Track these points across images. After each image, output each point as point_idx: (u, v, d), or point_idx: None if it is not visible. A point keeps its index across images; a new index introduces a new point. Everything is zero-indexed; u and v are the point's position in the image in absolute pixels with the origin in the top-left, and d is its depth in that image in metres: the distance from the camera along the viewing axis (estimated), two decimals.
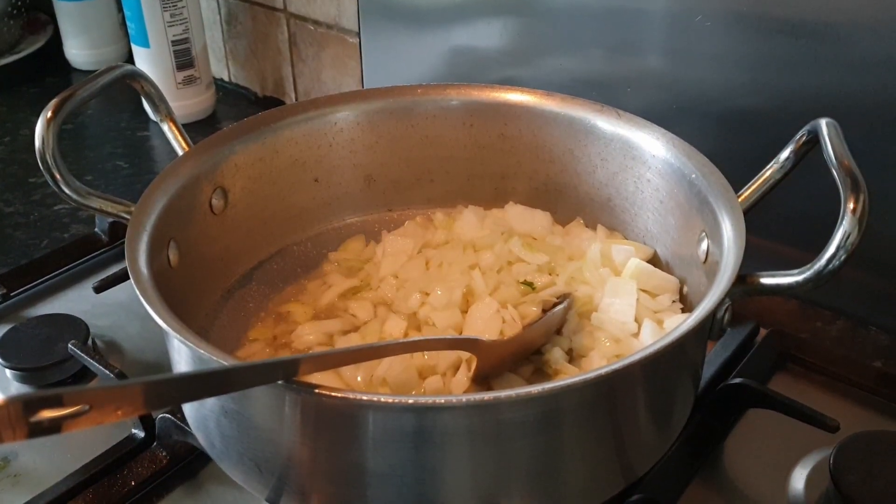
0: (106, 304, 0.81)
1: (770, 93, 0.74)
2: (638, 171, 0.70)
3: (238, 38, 1.23)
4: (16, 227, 0.96)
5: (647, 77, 0.81)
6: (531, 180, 0.78)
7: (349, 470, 0.50)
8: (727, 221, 0.58)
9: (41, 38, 1.33)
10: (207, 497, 0.64)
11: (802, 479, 0.63)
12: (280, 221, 0.75)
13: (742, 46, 0.74)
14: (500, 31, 0.90)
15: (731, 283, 0.52)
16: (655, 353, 0.48)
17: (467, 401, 0.48)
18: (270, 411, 0.51)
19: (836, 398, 0.71)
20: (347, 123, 0.76)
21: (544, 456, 0.50)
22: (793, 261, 0.56)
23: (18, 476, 0.66)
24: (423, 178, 0.79)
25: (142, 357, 0.77)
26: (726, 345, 0.73)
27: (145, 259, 0.57)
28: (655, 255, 0.71)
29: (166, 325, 0.50)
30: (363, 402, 0.47)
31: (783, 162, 0.61)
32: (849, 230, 0.50)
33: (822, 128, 0.58)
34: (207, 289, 0.69)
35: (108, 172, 1.08)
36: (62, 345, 0.72)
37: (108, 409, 0.39)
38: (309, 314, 0.69)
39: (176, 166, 0.66)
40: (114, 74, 0.66)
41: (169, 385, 0.43)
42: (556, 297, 0.66)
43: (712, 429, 0.67)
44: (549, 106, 0.74)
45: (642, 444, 0.56)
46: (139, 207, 0.61)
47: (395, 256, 0.73)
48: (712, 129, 0.79)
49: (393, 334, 0.65)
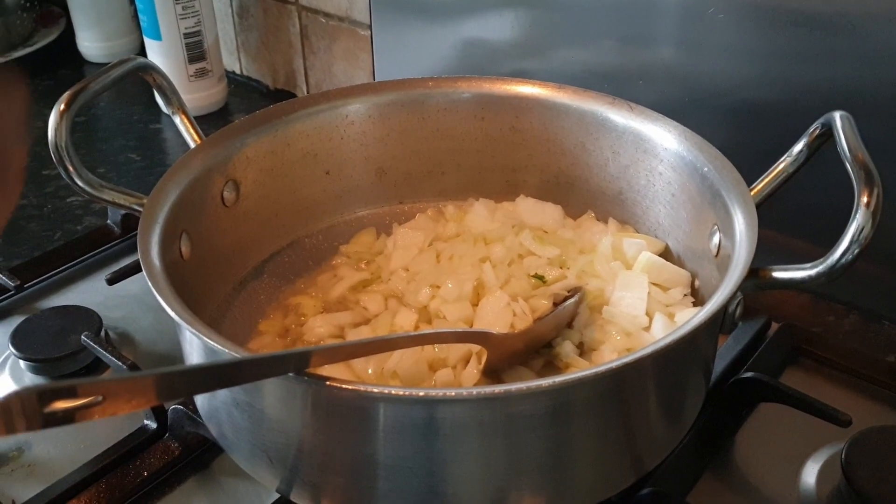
0: (118, 296, 0.82)
1: (783, 85, 0.74)
2: (650, 164, 0.70)
3: (250, 31, 1.23)
4: (29, 219, 0.97)
5: (660, 69, 0.81)
6: (542, 173, 0.78)
7: (360, 462, 0.50)
8: (739, 215, 0.58)
9: (54, 30, 1.34)
10: (219, 488, 0.64)
11: (814, 474, 0.62)
12: (291, 214, 0.76)
13: (755, 38, 0.74)
14: (511, 23, 0.90)
15: (743, 276, 0.52)
16: (666, 347, 0.48)
17: (478, 394, 0.48)
18: (282, 403, 0.51)
19: (849, 393, 0.70)
20: (359, 116, 0.76)
21: (555, 449, 0.50)
22: (805, 254, 0.55)
23: (32, 466, 0.66)
24: (435, 170, 0.79)
25: (154, 348, 0.77)
26: (738, 339, 0.73)
27: (157, 251, 0.57)
28: (667, 248, 0.70)
29: (178, 317, 0.50)
30: (374, 394, 0.47)
31: (796, 155, 0.61)
32: (862, 224, 0.50)
33: (836, 121, 0.57)
34: (219, 281, 0.70)
35: (120, 165, 1.08)
36: (75, 336, 0.73)
37: (121, 401, 0.39)
38: (319, 307, 0.69)
39: (188, 159, 0.66)
40: (126, 67, 0.66)
41: (181, 377, 0.43)
42: (567, 290, 0.66)
43: (723, 423, 0.67)
44: (561, 98, 0.74)
45: (653, 437, 0.55)
46: (151, 200, 0.61)
47: (406, 249, 0.73)
48: (725, 122, 0.78)
49: (404, 327, 0.65)
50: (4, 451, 0.67)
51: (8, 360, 0.75)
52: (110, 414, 0.39)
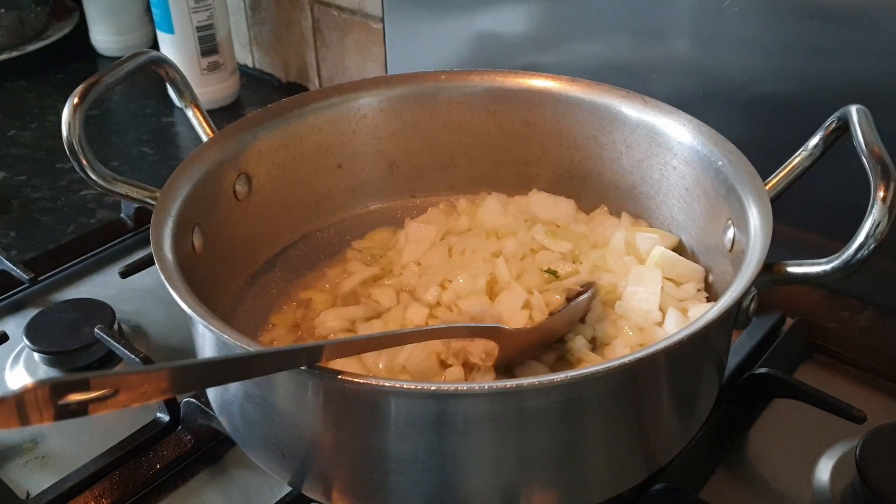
0: (131, 289, 0.82)
1: (799, 79, 0.73)
2: (664, 158, 0.69)
3: (262, 24, 1.23)
4: (43, 212, 0.97)
5: (674, 63, 0.80)
6: (555, 167, 0.77)
7: (371, 455, 0.50)
8: (754, 209, 0.57)
9: (67, 24, 1.34)
10: (231, 481, 0.64)
11: (828, 471, 0.62)
12: (303, 208, 0.76)
13: (771, 31, 0.73)
14: (524, 16, 0.90)
15: (758, 271, 0.52)
16: (680, 342, 0.47)
17: (489, 388, 0.48)
18: (294, 397, 0.51)
19: (863, 389, 0.70)
20: (371, 109, 0.76)
21: (567, 444, 0.50)
22: (820, 249, 0.55)
23: (46, 458, 0.67)
24: (447, 164, 0.79)
25: (167, 341, 0.78)
26: (752, 334, 0.73)
27: (170, 244, 0.57)
28: (681, 243, 0.70)
29: (191, 310, 0.51)
30: (386, 388, 0.47)
31: (812, 149, 0.61)
32: (878, 218, 0.49)
33: (853, 114, 0.57)
34: (231, 274, 0.70)
35: (133, 158, 1.08)
36: (88, 329, 0.73)
37: (135, 394, 0.39)
38: (330, 301, 0.69)
39: (200, 152, 0.66)
40: (139, 61, 0.66)
41: (193, 370, 0.43)
42: (580, 285, 0.66)
43: (737, 418, 0.66)
44: (574, 92, 0.74)
45: (666, 433, 0.55)
46: (164, 193, 0.61)
47: (418, 243, 0.72)
48: (740, 116, 0.78)
49: (415, 321, 0.65)
50: (19, 443, 0.68)
51: (22, 353, 0.75)
52: (123, 406, 0.39)
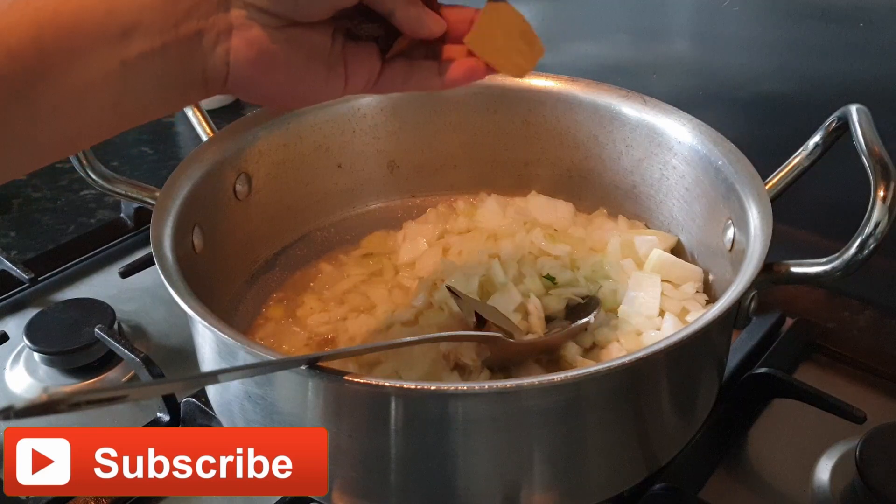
0: (132, 289, 0.82)
1: (799, 79, 0.73)
2: (664, 158, 0.69)
3: None
4: (43, 212, 0.97)
5: (674, 62, 0.80)
6: (555, 167, 0.77)
7: (372, 455, 0.50)
8: (754, 209, 0.57)
9: None
10: None
11: (828, 471, 0.62)
12: (303, 207, 0.76)
13: (771, 31, 0.73)
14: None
15: (758, 271, 0.52)
16: (680, 342, 0.47)
17: (490, 388, 0.48)
18: (294, 396, 0.51)
19: (863, 389, 0.70)
20: (371, 109, 0.76)
21: (567, 444, 0.50)
22: (820, 249, 0.55)
23: None
24: (447, 164, 0.79)
25: (167, 341, 0.78)
26: (752, 334, 0.73)
27: (170, 244, 0.57)
28: (680, 243, 0.70)
29: (191, 310, 0.51)
30: (387, 388, 0.47)
31: (812, 149, 0.61)
32: (878, 218, 0.49)
33: (853, 114, 0.57)
34: (231, 274, 0.70)
35: (133, 158, 1.08)
36: (89, 329, 0.73)
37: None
38: (326, 298, 0.69)
39: (200, 152, 0.66)
40: None
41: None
42: (581, 297, 0.65)
43: (737, 418, 0.66)
44: (574, 92, 0.74)
45: (666, 432, 0.55)
46: (164, 193, 0.61)
47: (415, 243, 0.73)
48: (740, 116, 0.78)
49: (404, 318, 0.64)
50: None
51: (22, 353, 0.75)
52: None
